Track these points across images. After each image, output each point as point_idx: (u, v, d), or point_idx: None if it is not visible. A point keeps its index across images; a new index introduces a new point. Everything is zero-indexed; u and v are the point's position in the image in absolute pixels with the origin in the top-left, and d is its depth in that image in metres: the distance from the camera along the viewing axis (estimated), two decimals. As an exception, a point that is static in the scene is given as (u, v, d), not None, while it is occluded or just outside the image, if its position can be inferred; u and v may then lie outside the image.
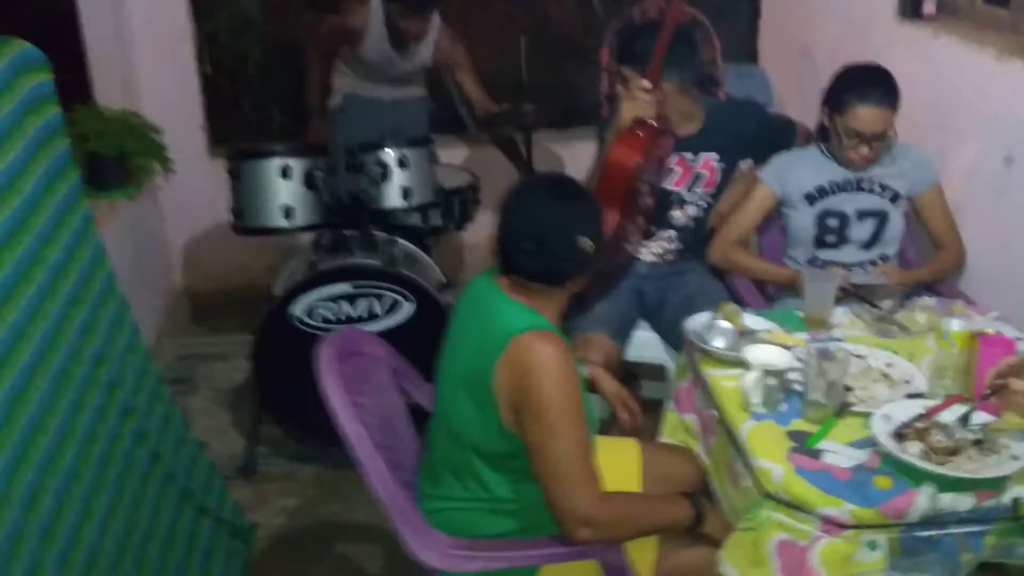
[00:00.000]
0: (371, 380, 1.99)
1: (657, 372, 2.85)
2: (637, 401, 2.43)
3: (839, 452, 1.81)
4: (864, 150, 2.57)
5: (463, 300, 1.90)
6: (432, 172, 3.20)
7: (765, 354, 1.99)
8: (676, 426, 2.26)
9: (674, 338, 2.55)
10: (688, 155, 2.79)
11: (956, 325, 1.97)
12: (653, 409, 2.43)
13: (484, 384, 1.72)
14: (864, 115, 2.52)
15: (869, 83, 2.55)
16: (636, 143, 2.55)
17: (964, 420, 1.80)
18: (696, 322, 2.22)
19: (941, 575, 1.74)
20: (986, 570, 1.84)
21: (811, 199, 2.69)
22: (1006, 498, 1.70)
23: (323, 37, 3.73)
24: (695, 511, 1.81)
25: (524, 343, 1.68)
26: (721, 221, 2.83)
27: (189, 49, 4.04)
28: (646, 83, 2.56)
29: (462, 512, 1.84)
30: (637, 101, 2.57)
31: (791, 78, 3.89)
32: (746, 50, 4.30)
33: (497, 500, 1.82)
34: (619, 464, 2.12)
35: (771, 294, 2.81)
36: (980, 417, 1.83)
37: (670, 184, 2.81)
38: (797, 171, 2.71)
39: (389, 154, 3.05)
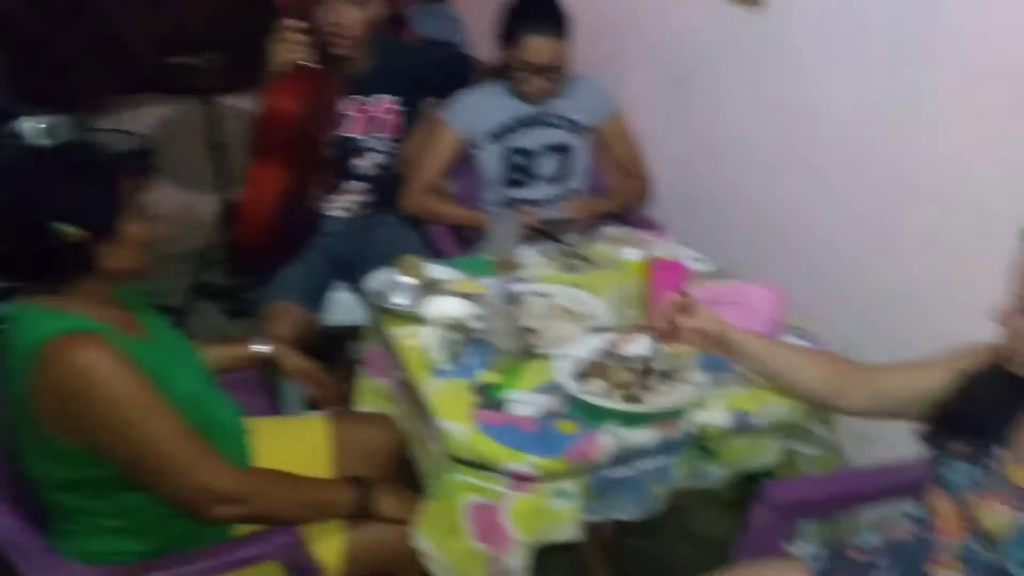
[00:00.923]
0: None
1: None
2: (347, 365, 2.27)
3: (525, 400, 1.72)
4: (540, 82, 2.50)
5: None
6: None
7: (444, 306, 1.86)
8: (371, 393, 2.10)
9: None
10: (363, 98, 2.60)
11: (631, 254, 1.92)
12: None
13: (27, 413, 1.46)
14: (535, 46, 2.44)
15: (537, 14, 2.47)
16: (295, 89, 2.33)
17: (645, 358, 1.74)
18: (377, 280, 2.06)
19: (636, 510, 1.71)
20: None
21: (496, 137, 2.59)
22: (690, 426, 1.68)
23: None
24: (360, 498, 1.66)
25: (53, 355, 1.43)
26: (410, 166, 2.68)
27: None
28: (295, 22, 2.34)
29: (97, 537, 1.58)
30: (289, 43, 2.34)
31: (482, 16, 3.78)
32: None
33: (125, 518, 1.58)
34: (303, 444, 1.95)
35: (471, 239, 2.70)
36: (661, 347, 1.80)
37: (347, 131, 2.61)
38: (479, 109, 2.60)
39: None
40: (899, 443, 1.57)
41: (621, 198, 2.64)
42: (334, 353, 2.66)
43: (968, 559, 1.35)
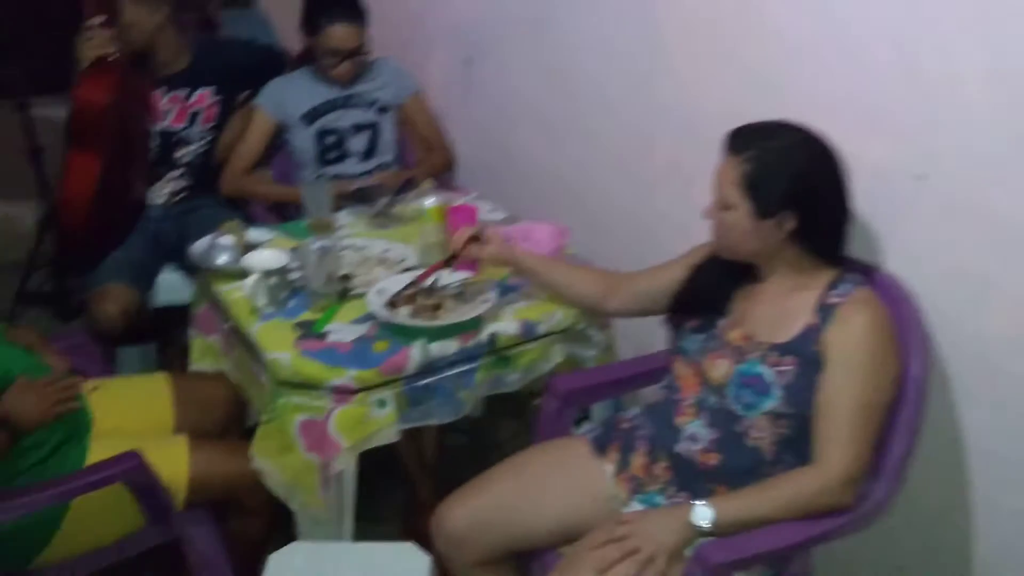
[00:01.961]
0: None
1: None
2: (180, 342, 2.46)
3: (342, 331, 1.96)
4: (345, 66, 2.75)
5: None
6: None
7: (264, 258, 2.07)
8: (204, 351, 2.28)
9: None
10: (182, 93, 2.78)
11: (430, 202, 2.20)
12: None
13: None
14: (337, 33, 2.69)
15: (337, 4, 2.72)
16: (103, 81, 2.49)
17: (444, 285, 2.02)
18: (201, 245, 2.25)
19: (447, 414, 1.97)
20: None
21: (308, 120, 2.81)
22: (484, 336, 1.96)
23: None
24: None
25: None
26: (228, 153, 2.86)
27: None
28: (98, 19, 2.50)
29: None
30: (94, 40, 2.50)
31: (287, 16, 3.97)
32: (243, -6, 4.32)
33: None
34: (149, 399, 2.11)
35: (290, 216, 2.90)
36: (459, 276, 2.08)
37: (168, 124, 2.78)
38: (291, 95, 2.82)
39: None
40: (657, 338, 1.90)
41: (427, 169, 2.91)
42: (166, 331, 2.83)
43: (702, 406, 1.69)
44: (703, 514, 1.55)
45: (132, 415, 2.02)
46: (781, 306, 1.67)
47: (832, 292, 1.62)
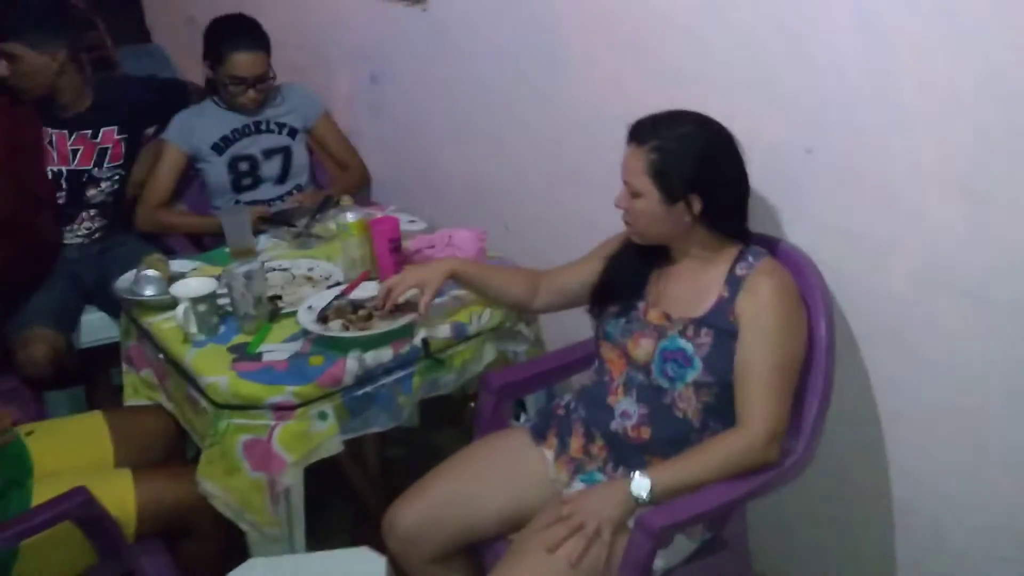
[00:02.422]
0: None
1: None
2: (107, 381, 2.45)
3: (276, 350, 2.00)
4: (251, 94, 2.78)
5: None
6: None
7: (191, 286, 2.09)
8: (137, 386, 2.28)
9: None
10: (87, 133, 2.77)
11: (350, 217, 2.25)
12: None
13: None
14: (240, 61, 2.72)
15: (239, 32, 2.75)
16: None
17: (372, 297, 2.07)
18: (125, 280, 2.26)
19: (387, 421, 2.02)
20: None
21: (219, 149, 2.83)
22: (417, 341, 2.02)
23: None
24: None
25: None
26: (139, 189, 2.86)
27: None
28: None
29: None
30: None
31: (185, 48, 3.98)
32: (138, 31, 4.31)
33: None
34: (87, 437, 2.11)
35: (208, 246, 2.92)
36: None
37: (76, 164, 2.77)
38: (199, 126, 2.83)
39: None
40: (582, 327, 1.99)
41: (341, 188, 2.95)
42: (93, 372, 2.80)
43: (630, 384, 1.78)
44: (641, 484, 1.64)
45: (72, 454, 2.02)
46: (693, 283, 1.77)
47: (738, 265, 1.73)
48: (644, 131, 1.70)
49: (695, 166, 1.67)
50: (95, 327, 2.76)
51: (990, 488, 1.73)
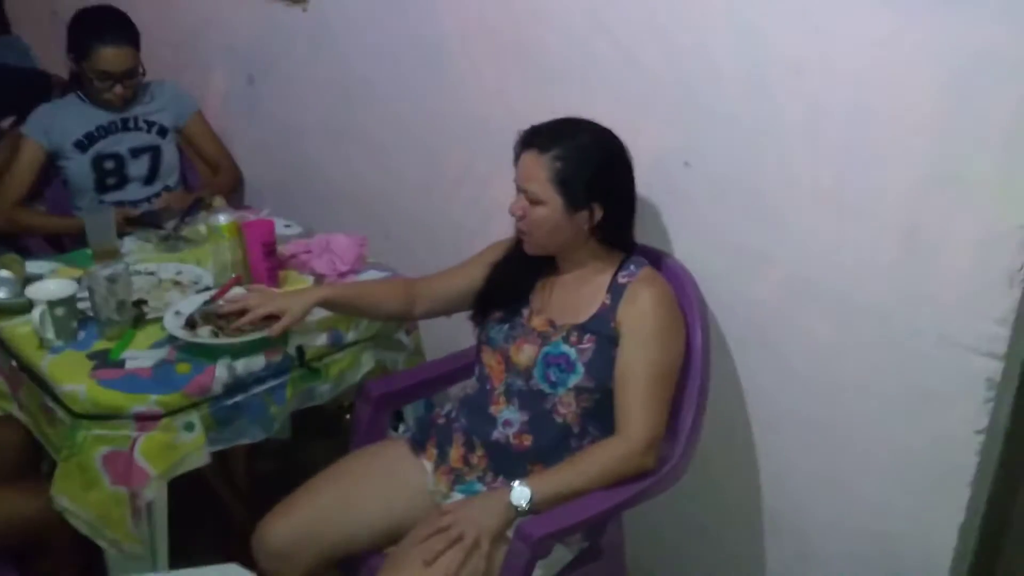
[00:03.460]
0: None
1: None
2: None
3: (140, 357, 1.89)
4: (118, 89, 2.65)
5: None
6: None
7: (48, 288, 1.97)
8: (-14, 395, 2.13)
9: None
10: (-64, 124, 2.59)
11: (222, 219, 2.16)
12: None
13: None
14: (107, 55, 2.59)
15: (106, 25, 2.62)
16: None
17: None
18: (-26, 281, 2.10)
19: (258, 432, 1.94)
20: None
21: (82, 146, 2.69)
22: (291, 349, 1.95)
23: None
24: None
25: None
26: (-6, 186, 2.69)
27: None
28: None
29: None
30: None
31: (47, 41, 3.77)
32: (-3, 21, 4.06)
33: None
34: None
35: (68, 247, 2.76)
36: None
37: (-79, 159, 2.58)
38: (61, 121, 2.68)
39: None
40: (463, 335, 1.97)
41: (214, 188, 2.84)
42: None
43: (510, 391, 1.77)
44: (521, 494, 1.62)
45: None
46: (578, 291, 1.78)
47: (621, 273, 1.75)
48: (544, 138, 1.69)
49: (597, 175, 1.68)
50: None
51: (851, 494, 1.78)
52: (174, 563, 1.91)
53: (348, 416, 2.21)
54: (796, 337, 1.78)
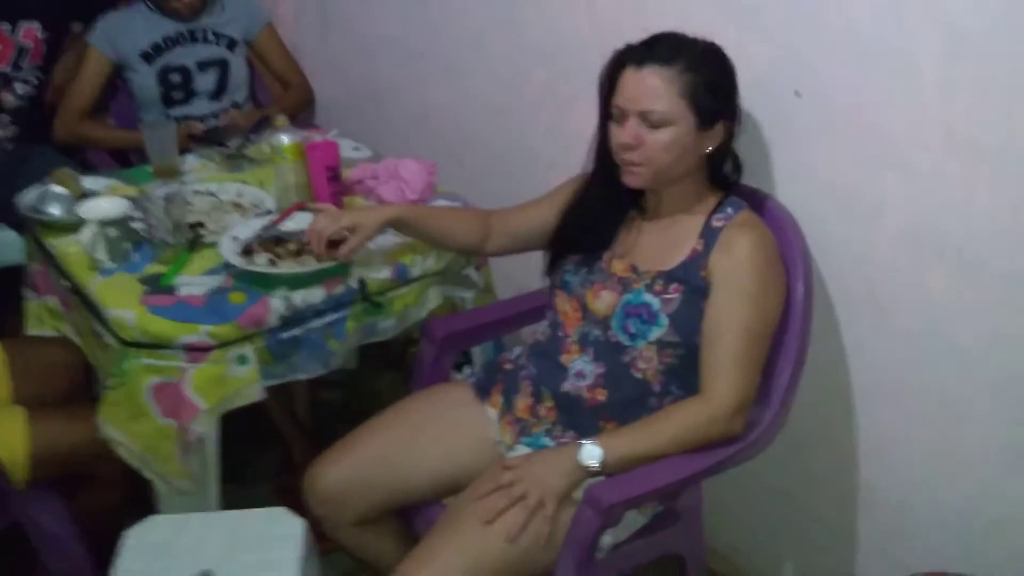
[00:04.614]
0: None
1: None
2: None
3: (194, 283, 1.79)
4: (185, -3, 2.52)
5: None
6: None
7: (101, 207, 1.87)
8: (40, 314, 2.06)
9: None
10: (5, 25, 2.49)
11: (285, 140, 2.02)
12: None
13: None
14: None
15: None
16: None
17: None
18: (30, 195, 2.02)
19: (315, 368, 1.83)
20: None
21: (148, 58, 2.57)
22: (352, 281, 1.82)
23: None
24: None
25: None
26: (60, 94, 2.60)
27: None
28: None
29: None
30: None
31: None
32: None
33: None
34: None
35: (134, 162, 2.67)
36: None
37: (-12, 62, 2.50)
38: (127, 31, 2.57)
39: None
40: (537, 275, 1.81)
41: (284, 107, 2.70)
42: (3, 296, 2.56)
43: (585, 340, 1.61)
44: (591, 453, 1.47)
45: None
46: (665, 234, 1.60)
47: (716, 216, 1.56)
48: (666, 50, 1.49)
49: (725, 87, 1.52)
50: (5, 246, 2.51)
51: (964, 473, 1.59)
52: (227, 496, 1.83)
53: (413, 350, 2.08)
54: (911, 296, 1.57)
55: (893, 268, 1.58)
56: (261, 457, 2.34)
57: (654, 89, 1.48)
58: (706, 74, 1.49)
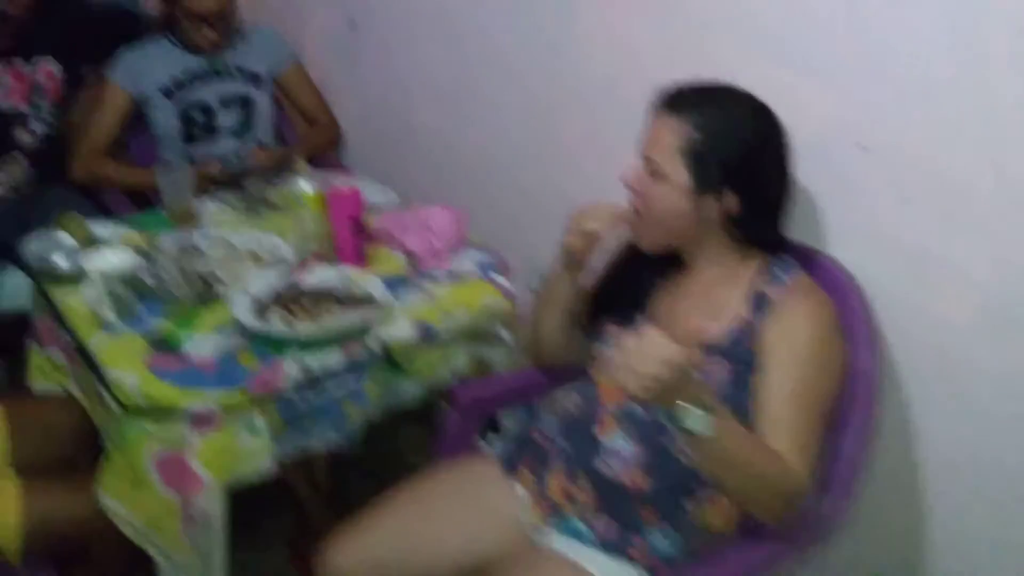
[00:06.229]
0: None
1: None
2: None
3: (204, 342, 1.66)
4: (209, 33, 2.42)
5: None
6: None
7: (107, 260, 1.75)
8: (44, 367, 1.94)
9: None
10: (19, 62, 2.41)
11: (307, 188, 1.90)
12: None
13: None
14: None
15: None
16: None
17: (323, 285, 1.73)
18: (36, 243, 1.91)
19: (333, 437, 1.70)
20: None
21: (169, 93, 2.48)
22: (373, 343, 1.69)
23: None
24: None
25: None
26: (77, 132, 2.50)
27: None
28: None
29: None
30: None
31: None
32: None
33: None
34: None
35: (153, 202, 2.56)
36: (343, 271, 1.80)
37: (4, 100, 2.41)
38: (147, 66, 2.47)
39: None
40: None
41: (310, 145, 2.60)
42: (13, 344, 2.45)
43: (625, 417, 1.45)
44: (705, 423, 1.19)
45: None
46: (707, 298, 1.45)
47: (765, 280, 1.41)
48: (684, 101, 1.38)
49: (740, 156, 1.36)
50: (17, 291, 2.39)
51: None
52: (238, 562, 1.70)
53: (443, 404, 1.93)
54: (993, 373, 1.40)
55: (973, 341, 1.41)
56: (274, 518, 2.19)
57: (658, 138, 1.38)
58: (718, 138, 1.35)
